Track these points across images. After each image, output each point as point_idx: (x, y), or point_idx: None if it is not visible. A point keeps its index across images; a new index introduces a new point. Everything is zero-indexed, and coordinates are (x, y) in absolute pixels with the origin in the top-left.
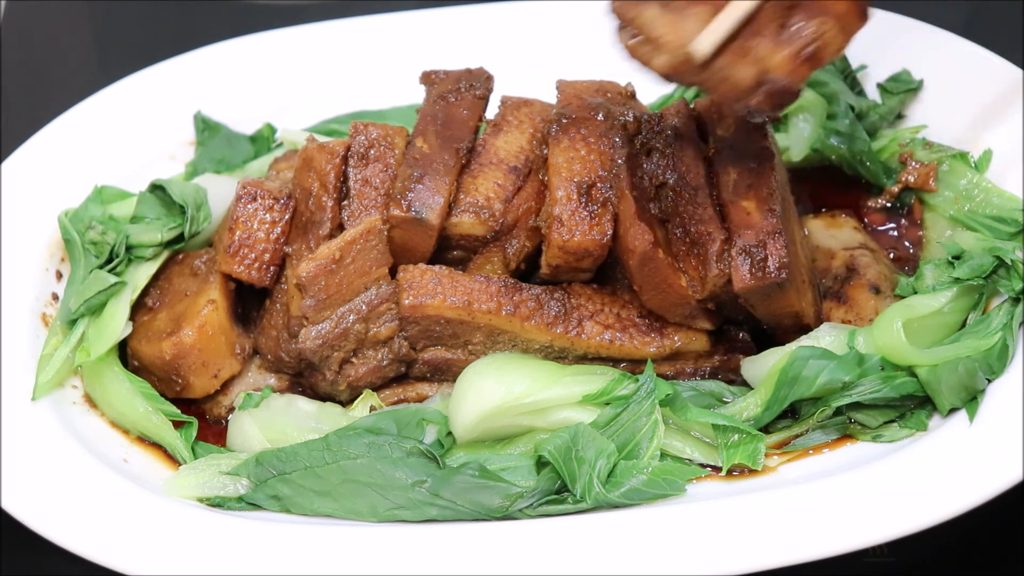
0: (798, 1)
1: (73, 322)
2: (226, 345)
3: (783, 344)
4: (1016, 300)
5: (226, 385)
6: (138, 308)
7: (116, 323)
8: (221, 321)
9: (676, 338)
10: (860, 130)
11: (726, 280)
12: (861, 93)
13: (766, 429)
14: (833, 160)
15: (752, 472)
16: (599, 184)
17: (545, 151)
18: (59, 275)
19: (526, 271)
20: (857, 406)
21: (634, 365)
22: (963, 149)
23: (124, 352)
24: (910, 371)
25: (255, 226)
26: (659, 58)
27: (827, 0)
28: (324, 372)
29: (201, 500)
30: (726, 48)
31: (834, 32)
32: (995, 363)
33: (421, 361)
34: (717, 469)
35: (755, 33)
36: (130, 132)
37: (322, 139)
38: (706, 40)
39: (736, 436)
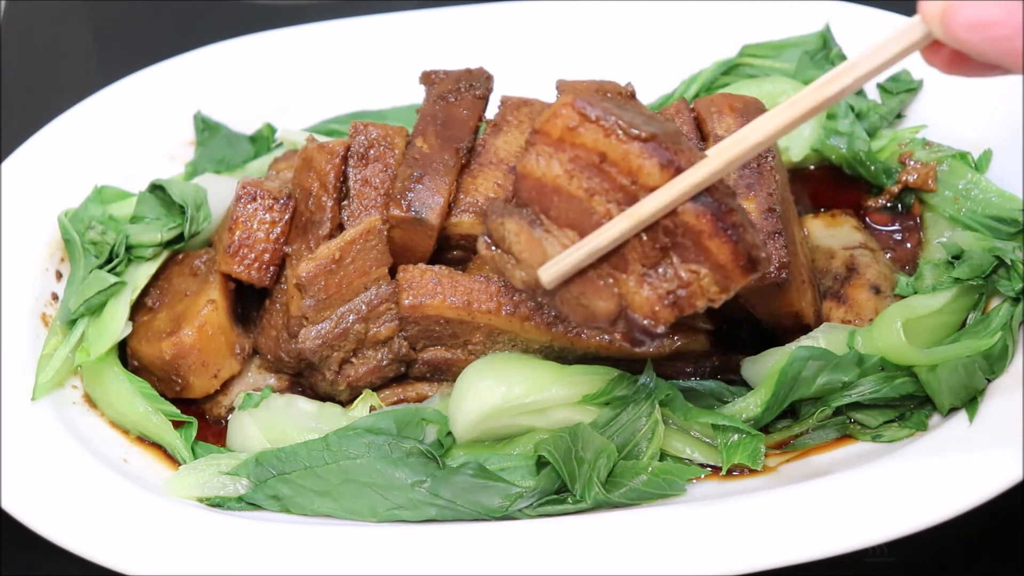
0: (677, 242)
1: (73, 322)
2: (226, 345)
3: (783, 344)
4: (1016, 300)
5: (226, 385)
6: (138, 308)
7: (116, 323)
8: (221, 321)
9: (676, 338)
10: (860, 130)
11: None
12: (861, 93)
13: (766, 429)
14: (833, 160)
15: (752, 472)
16: None
17: None
18: (59, 275)
19: None
20: (857, 406)
21: (634, 365)
22: (963, 149)
23: (124, 352)
24: (910, 371)
25: (255, 226)
26: (517, 273)
27: (708, 247)
28: (324, 372)
29: (201, 500)
30: (585, 275)
31: (709, 282)
32: (995, 363)
33: (421, 361)
34: (717, 469)
35: (622, 267)
36: (130, 132)
37: (322, 139)
38: (552, 270)
39: (736, 436)
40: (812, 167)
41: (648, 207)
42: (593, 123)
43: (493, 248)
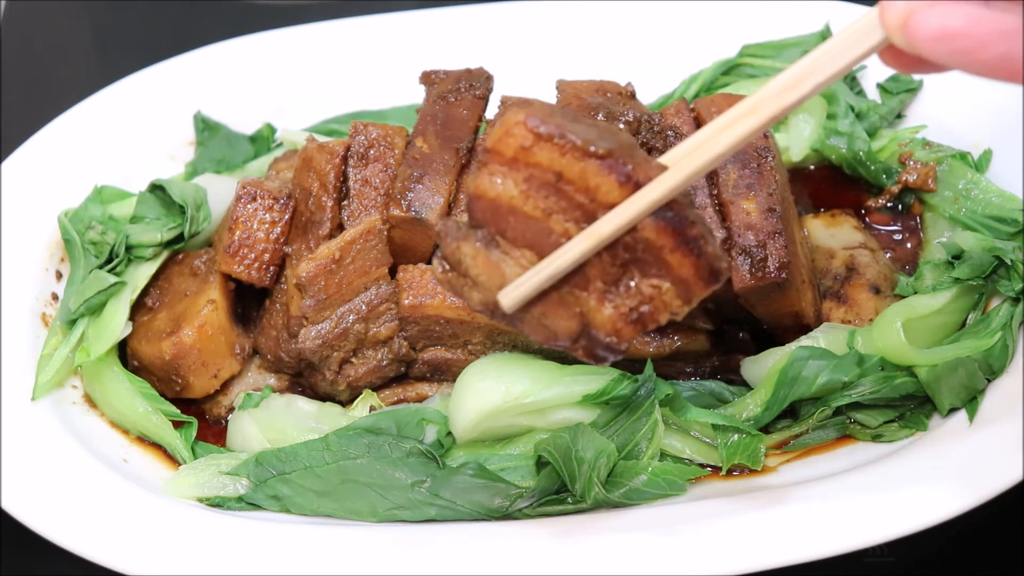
0: (638, 258)
1: (73, 322)
2: (226, 345)
3: (783, 344)
4: (1016, 300)
5: (226, 385)
6: (138, 308)
7: (116, 323)
8: (221, 321)
9: (676, 338)
10: (860, 130)
11: (726, 280)
12: (861, 93)
13: (766, 429)
14: (833, 160)
15: (752, 472)
16: None
17: None
18: (59, 275)
19: None
20: (857, 406)
21: (634, 365)
22: (963, 149)
23: (124, 352)
24: (910, 371)
25: (255, 226)
26: (474, 295)
27: (669, 261)
28: (324, 372)
29: (201, 500)
30: (546, 297)
31: (671, 296)
32: (995, 363)
33: (421, 361)
34: (717, 469)
35: (583, 286)
36: (130, 132)
37: (322, 139)
38: (513, 294)
39: (736, 436)
40: (812, 167)
41: (608, 226)
42: (547, 141)
43: (448, 271)
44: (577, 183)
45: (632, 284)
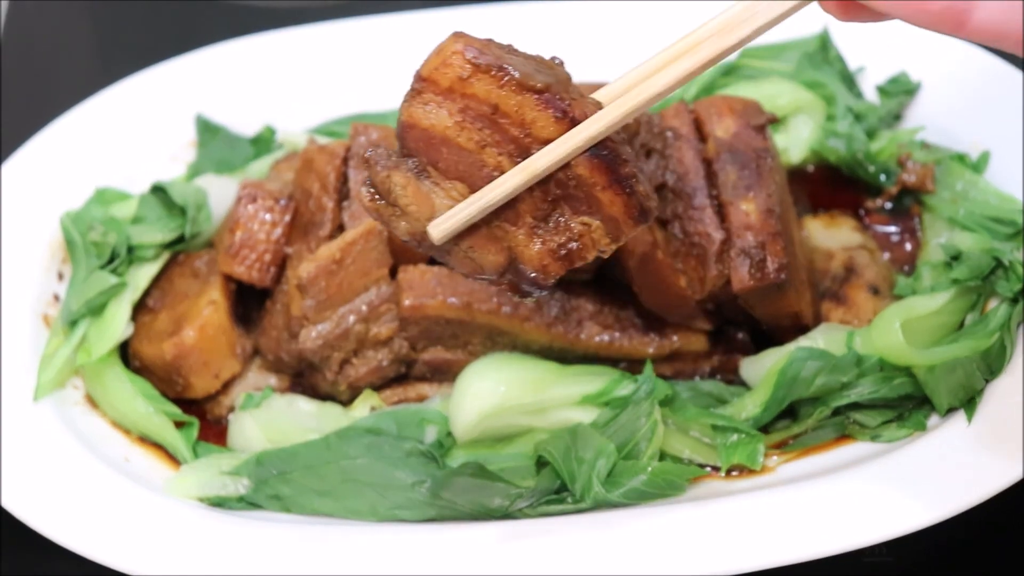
0: (569, 194)
1: (74, 323)
2: (227, 345)
3: (782, 345)
4: (1014, 301)
5: (227, 385)
6: (139, 309)
7: (117, 324)
8: (222, 322)
9: (675, 338)
10: (859, 131)
11: (725, 281)
12: (859, 95)
13: (765, 429)
14: (832, 161)
15: (751, 472)
16: None
17: None
18: (60, 276)
19: None
20: (855, 406)
21: (633, 365)
22: (961, 151)
23: (125, 353)
24: (908, 371)
25: (255, 227)
26: (401, 224)
27: (600, 198)
28: (324, 372)
29: (202, 500)
30: (475, 230)
31: (600, 233)
32: (993, 363)
33: (421, 361)
34: (716, 469)
35: (512, 220)
36: (131, 133)
37: (323, 141)
38: (443, 226)
39: (735, 436)
40: (811, 168)
41: (542, 161)
42: (485, 73)
43: (377, 199)
44: (513, 116)
45: (562, 220)
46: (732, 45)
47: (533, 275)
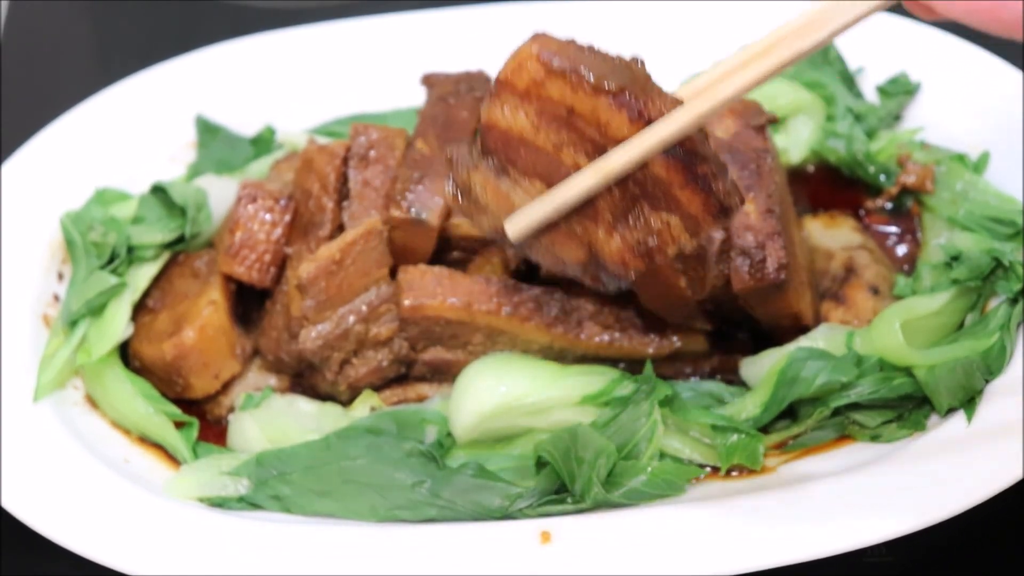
0: (648, 192)
1: (74, 323)
2: (227, 346)
3: (782, 345)
4: (1014, 301)
5: (227, 385)
6: (139, 309)
7: (117, 324)
8: (222, 322)
9: (675, 339)
10: (859, 132)
11: (725, 281)
12: (859, 96)
13: (765, 429)
14: (832, 162)
15: (751, 472)
16: None
17: None
18: (60, 276)
19: (526, 271)
20: (855, 406)
21: (633, 365)
22: (961, 151)
23: (125, 353)
24: (908, 372)
25: (255, 227)
26: (483, 220)
27: (678, 196)
28: (324, 372)
29: (202, 500)
30: (555, 228)
31: (679, 230)
32: (993, 363)
33: (421, 362)
34: (716, 469)
35: (592, 217)
36: (131, 134)
37: (322, 141)
38: (519, 223)
39: (735, 436)
40: (811, 168)
41: (617, 162)
42: (559, 76)
43: (460, 198)
44: (588, 118)
45: (641, 217)
46: (808, 48)
47: (614, 269)
